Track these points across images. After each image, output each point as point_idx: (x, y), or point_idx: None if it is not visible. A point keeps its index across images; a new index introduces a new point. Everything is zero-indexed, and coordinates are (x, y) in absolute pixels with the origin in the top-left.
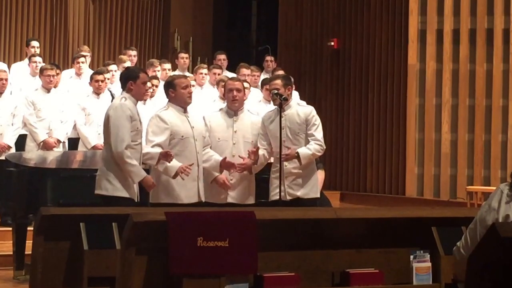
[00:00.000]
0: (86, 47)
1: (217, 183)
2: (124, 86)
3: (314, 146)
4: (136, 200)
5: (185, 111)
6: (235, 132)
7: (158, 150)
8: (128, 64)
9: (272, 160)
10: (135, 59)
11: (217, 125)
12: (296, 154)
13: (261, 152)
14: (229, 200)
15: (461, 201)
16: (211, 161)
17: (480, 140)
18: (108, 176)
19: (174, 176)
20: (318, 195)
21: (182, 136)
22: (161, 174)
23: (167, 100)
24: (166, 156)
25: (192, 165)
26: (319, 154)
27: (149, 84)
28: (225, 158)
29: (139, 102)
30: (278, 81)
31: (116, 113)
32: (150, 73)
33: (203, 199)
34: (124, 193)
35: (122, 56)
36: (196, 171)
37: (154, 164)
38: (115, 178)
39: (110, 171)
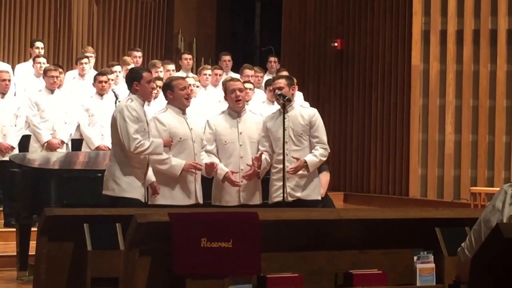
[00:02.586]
0: (90, 48)
1: (228, 180)
2: (130, 88)
3: (320, 152)
4: (143, 201)
5: (183, 112)
6: (241, 133)
7: (158, 139)
8: (132, 66)
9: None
10: (140, 60)
11: (222, 128)
12: (304, 164)
13: (263, 156)
14: (241, 201)
15: (465, 202)
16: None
17: (484, 141)
18: (115, 177)
19: (180, 174)
20: (320, 197)
21: (180, 138)
22: (159, 175)
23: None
24: (168, 142)
25: (196, 163)
26: (325, 158)
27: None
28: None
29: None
30: (282, 80)
31: (122, 114)
32: (152, 74)
33: (200, 201)
34: (131, 194)
35: (126, 58)
36: (193, 174)
37: (160, 153)
38: (122, 179)
39: (117, 172)
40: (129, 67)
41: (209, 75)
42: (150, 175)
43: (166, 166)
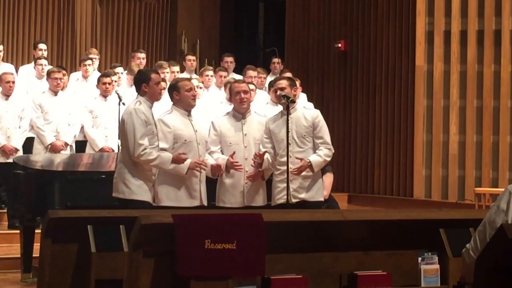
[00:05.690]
0: (94, 50)
1: (231, 166)
2: (138, 90)
3: (324, 152)
4: (153, 203)
5: (189, 114)
6: (245, 135)
7: (167, 154)
8: None
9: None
10: (143, 62)
11: (226, 129)
12: (308, 164)
13: (265, 155)
14: (245, 203)
15: (469, 203)
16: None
17: (488, 141)
18: (125, 179)
19: (186, 173)
20: (323, 198)
21: (185, 140)
22: (164, 177)
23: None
24: (178, 159)
25: (202, 160)
26: (329, 159)
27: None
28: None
29: None
30: (283, 81)
31: (130, 118)
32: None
33: (205, 203)
34: (141, 197)
35: (133, 65)
36: (198, 175)
37: (167, 168)
38: (132, 181)
39: (127, 175)
40: None
41: (211, 76)
42: None
43: (172, 165)
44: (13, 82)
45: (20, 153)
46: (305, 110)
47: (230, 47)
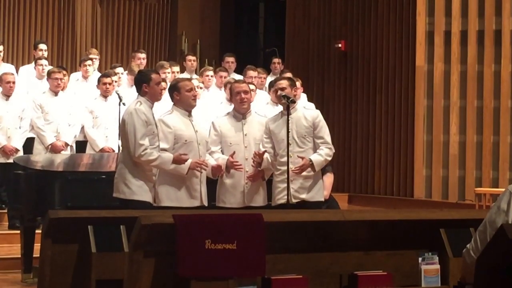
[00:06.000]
0: (94, 50)
1: (231, 166)
2: (139, 90)
3: (325, 151)
4: (153, 203)
5: (189, 114)
6: (246, 135)
7: (168, 154)
8: None
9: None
10: (144, 62)
11: (227, 129)
12: (310, 163)
13: (265, 155)
14: (246, 203)
15: (470, 203)
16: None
17: (488, 141)
18: (125, 180)
19: (187, 173)
20: (323, 199)
21: (186, 140)
22: (166, 177)
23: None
24: (179, 159)
25: (203, 160)
26: (330, 158)
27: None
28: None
29: None
30: (284, 81)
31: (131, 118)
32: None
33: (205, 203)
34: (141, 197)
35: (133, 65)
36: (199, 175)
37: (167, 169)
38: (133, 182)
39: (128, 175)
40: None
41: (211, 76)
42: None
43: (173, 166)
44: (14, 83)
45: (21, 153)
46: (305, 110)
47: (230, 47)
